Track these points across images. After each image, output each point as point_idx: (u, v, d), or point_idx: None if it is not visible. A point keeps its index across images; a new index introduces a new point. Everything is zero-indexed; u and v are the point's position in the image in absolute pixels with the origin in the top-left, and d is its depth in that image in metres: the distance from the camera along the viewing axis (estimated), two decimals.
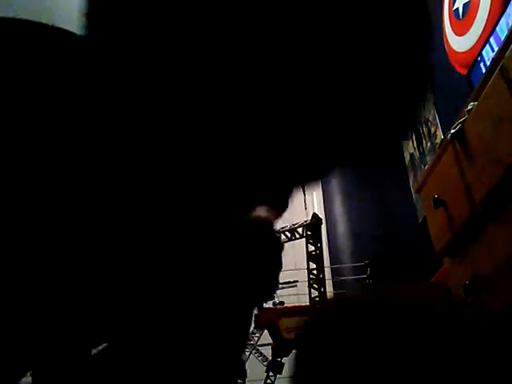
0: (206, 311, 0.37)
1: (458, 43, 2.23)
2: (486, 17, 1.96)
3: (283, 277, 2.77)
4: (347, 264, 3.04)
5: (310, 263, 1.78)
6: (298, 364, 0.38)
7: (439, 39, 2.47)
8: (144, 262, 0.34)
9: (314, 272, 1.76)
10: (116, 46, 0.34)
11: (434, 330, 0.36)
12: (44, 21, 0.37)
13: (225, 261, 0.39)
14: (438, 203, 1.46)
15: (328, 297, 1.76)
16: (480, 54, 1.80)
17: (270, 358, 2.06)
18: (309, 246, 1.86)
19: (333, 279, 2.86)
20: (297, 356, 0.39)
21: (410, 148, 3.19)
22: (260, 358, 2.28)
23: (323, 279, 1.75)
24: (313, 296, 1.74)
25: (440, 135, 2.59)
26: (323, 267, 1.76)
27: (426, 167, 2.12)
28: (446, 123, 2.52)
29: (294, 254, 3.05)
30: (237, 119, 0.34)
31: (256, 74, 0.32)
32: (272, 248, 0.46)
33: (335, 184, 3.49)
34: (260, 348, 2.33)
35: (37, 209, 0.30)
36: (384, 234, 3.22)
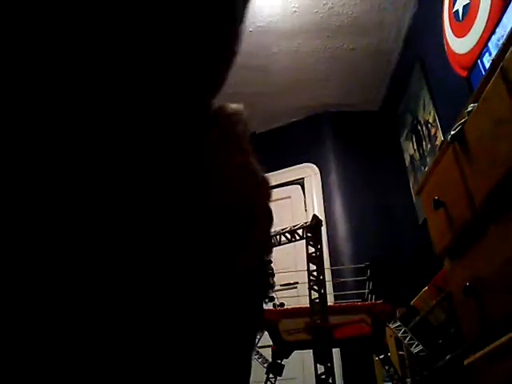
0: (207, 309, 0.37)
1: (458, 45, 2.23)
2: (485, 18, 1.96)
3: (283, 279, 2.76)
4: (347, 266, 3.04)
5: (310, 265, 1.78)
6: None
7: (439, 40, 2.47)
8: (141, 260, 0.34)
9: (314, 274, 1.76)
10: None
11: None
12: None
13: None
14: (438, 205, 1.46)
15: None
16: (480, 55, 1.80)
17: (270, 359, 2.05)
18: (309, 247, 1.86)
19: (333, 281, 2.86)
20: None
21: (410, 150, 3.19)
22: (260, 360, 2.28)
23: (323, 281, 1.75)
24: (313, 297, 1.73)
25: (440, 137, 2.59)
26: (323, 269, 1.76)
27: (426, 169, 2.12)
28: (445, 125, 2.52)
29: (295, 256, 3.05)
30: None
31: None
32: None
33: (335, 186, 3.49)
34: (260, 350, 2.33)
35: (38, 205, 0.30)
36: (384, 235, 3.22)
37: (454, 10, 2.27)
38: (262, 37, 3.02)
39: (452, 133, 1.36)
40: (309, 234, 1.86)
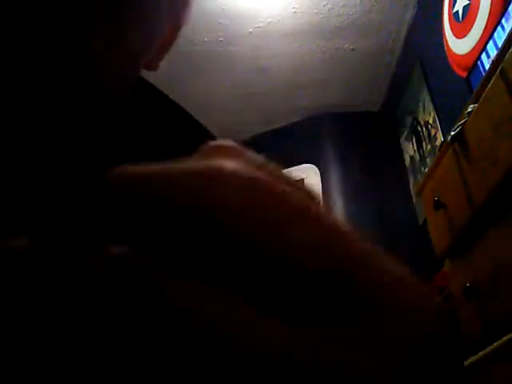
0: None
1: (458, 46, 2.24)
2: (485, 19, 1.96)
3: None
4: None
5: None
6: None
7: (439, 41, 2.47)
8: None
9: None
10: None
11: None
12: None
13: None
14: (439, 205, 1.47)
15: None
16: (480, 56, 1.80)
17: None
18: None
19: None
20: None
21: (410, 150, 3.19)
22: None
23: None
24: None
25: (440, 138, 2.59)
26: None
27: (427, 169, 2.12)
28: (445, 126, 2.52)
29: None
30: None
31: None
32: None
33: (335, 186, 3.49)
34: None
35: None
36: (384, 236, 3.22)
37: (454, 10, 2.27)
38: (261, 38, 3.02)
39: (452, 134, 1.36)
40: None
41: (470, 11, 2.12)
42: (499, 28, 1.67)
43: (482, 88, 1.23)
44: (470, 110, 1.27)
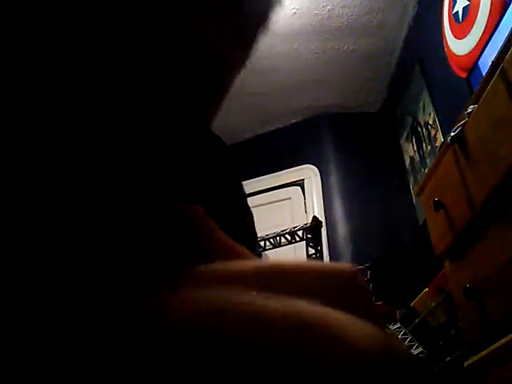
0: None
1: (458, 46, 2.24)
2: (485, 20, 1.96)
3: None
4: None
5: None
6: None
7: (439, 42, 2.47)
8: None
9: None
10: None
11: None
12: None
13: None
14: (439, 206, 1.46)
15: None
16: (480, 57, 1.80)
17: None
18: (309, 249, 1.86)
19: None
20: None
21: (410, 151, 3.19)
22: None
23: None
24: None
25: (440, 138, 2.59)
26: None
27: (426, 170, 2.12)
28: (445, 126, 2.52)
29: (295, 257, 3.05)
30: None
31: None
32: None
33: (335, 187, 3.49)
34: None
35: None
36: (384, 236, 3.22)
37: (454, 11, 2.27)
38: (261, 38, 3.02)
39: (452, 134, 1.36)
40: (309, 236, 1.86)
41: (469, 12, 2.12)
42: (499, 28, 1.67)
43: (482, 88, 1.22)
44: (470, 110, 1.27)
